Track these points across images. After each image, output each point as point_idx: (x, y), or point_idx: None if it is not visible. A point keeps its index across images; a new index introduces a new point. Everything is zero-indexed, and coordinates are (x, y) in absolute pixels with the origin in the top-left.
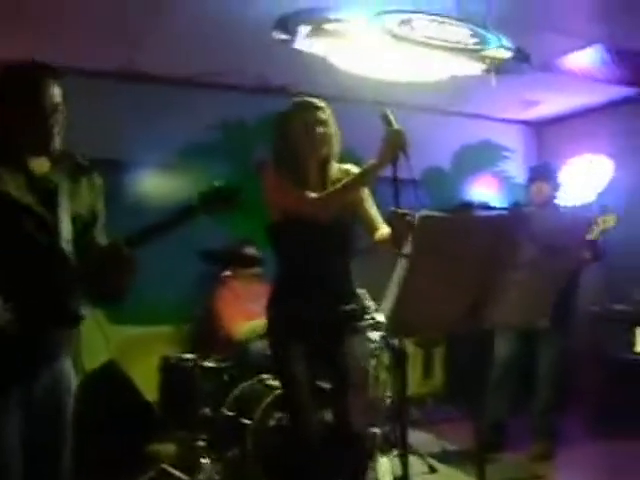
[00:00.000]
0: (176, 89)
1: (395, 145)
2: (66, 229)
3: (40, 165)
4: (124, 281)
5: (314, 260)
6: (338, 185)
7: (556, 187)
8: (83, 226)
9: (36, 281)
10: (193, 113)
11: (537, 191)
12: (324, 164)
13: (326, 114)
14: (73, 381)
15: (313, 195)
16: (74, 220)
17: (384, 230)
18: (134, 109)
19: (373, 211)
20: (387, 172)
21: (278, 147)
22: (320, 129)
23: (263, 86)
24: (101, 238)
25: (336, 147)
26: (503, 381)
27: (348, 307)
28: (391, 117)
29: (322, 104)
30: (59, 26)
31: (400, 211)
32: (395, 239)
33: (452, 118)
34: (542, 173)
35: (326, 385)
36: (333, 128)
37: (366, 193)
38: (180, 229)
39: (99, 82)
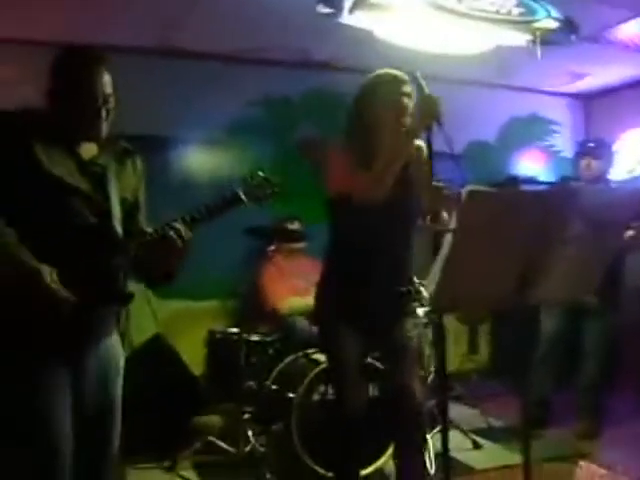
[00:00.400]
0: (220, 65)
1: (427, 110)
2: (117, 210)
3: (88, 149)
4: (173, 266)
5: (371, 240)
6: (381, 162)
7: (608, 164)
8: (129, 210)
9: (89, 261)
10: (237, 89)
11: (586, 167)
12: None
13: (409, 86)
14: (121, 359)
15: (363, 175)
16: (121, 203)
17: None
18: (179, 86)
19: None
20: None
21: (352, 122)
22: (404, 103)
23: (307, 61)
24: (144, 224)
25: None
26: (549, 357)
27: (403, 289)
28: (422, 82)
29: (405, 77)
30: (104, 3)
31: (435, 184)
32: (432, 213)
33: (498, 91)
34: (592, 149)
35: (378, 364)
36: (407, 105)
37: (424, 155)
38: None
39: (144, 59)
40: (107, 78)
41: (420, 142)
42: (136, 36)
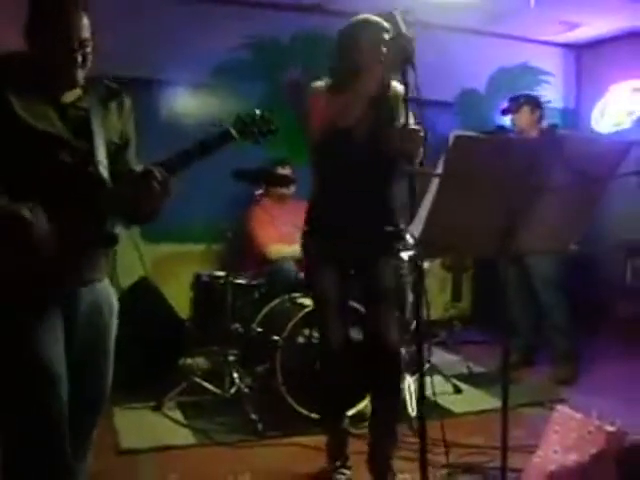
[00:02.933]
0: (209, 6)
1: (398, 48)
2: (102, 155)
3: (70, 93)
4: (156, 205)
5: (353, 179)
6: (352, 90)
7: (539, 117)
8: (116, 151)
9: (74, 206)
10: (225, 31)
11: (516, 120)
12: (384, 84)
13: (388, 33)
14: (114, 302)
15: (338, 99)
16: (107, 146)
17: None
18: (166, 28)
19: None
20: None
21: (339, 59)
22: (384, 50)
23: (297, 3)
24: (134, 162)
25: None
26: (531, 300)
27: (387, 228)
28: (400, 21)
29: (384, 23)
30: None
31: (409, 127)
32: (406, 155)
33: (488, 40)
34: (520, 104)
35: (358, 306)
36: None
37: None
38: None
39: (131, 0)
40: (85, 21)
41: (395, 83)
42: None
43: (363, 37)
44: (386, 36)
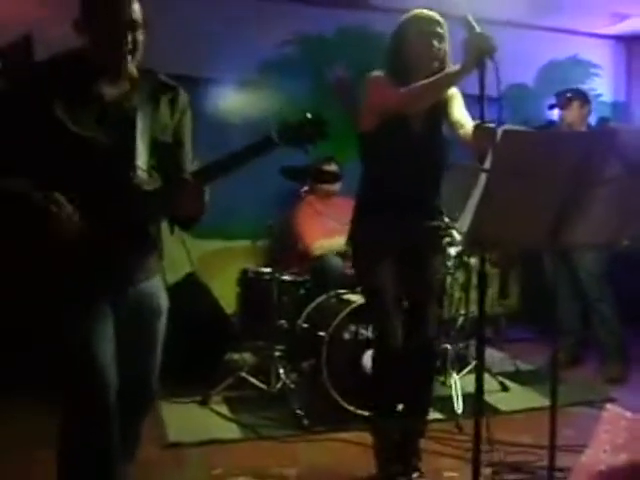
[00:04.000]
0: (256, 4)
1: (478, 48)
2: (142, 156)
3: (118, 87)
4: (191, 213)
5: (403, 172)
6: (422, 82)
7: (587, 112)
8: (166, 150)
9: (114, 210)
10: (271, 28)
11: (560, 117)
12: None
13: (443, 29)
14: (164, 300)
15: (401, 89)
16: (155, 146)
17: (468, 127)
18: (212, 25)
19: (459, 112)
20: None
21: (392, 58)
22: (436, 43)
23: None
24: (187, 162)
25: (447, 66)
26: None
27: (434, 223)
28: (472, 21)
29: (440, 19)
30: None
31: (485, 125)
32: (478, 153)
33: (537, 33)
34: (567, 99)
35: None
36: (446, 45)
37: (455, 93)
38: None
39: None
40: (135, 5)
41: (454, 90)
42: None
43: (411, 31)
44: (438, 29)
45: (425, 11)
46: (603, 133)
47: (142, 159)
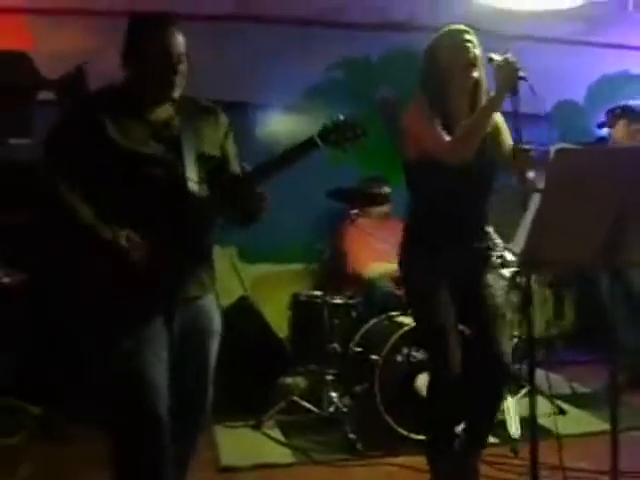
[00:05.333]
0: (298, 29)
1: (508, 74)
2: (192, 171)
3: (163, 111)
4: (248, 208)
5: (452, 199)
6: (463, 127)
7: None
8: (215, 164)
9: (168, 222)
10: (316, 52)
11: (614, 133)
12: (475, 89)
13: (473, 37)
14: (217, 320)
15: (447, 138)
16: (203, 161)
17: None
18: (258, 52)
19: (507, 141)
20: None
21: (426, 74)
22: (469, 49)
23: (386, 21)
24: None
25: (483, 72)
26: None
27: (482, 245)
28: (494, 55)
29: (469, 29)
30: None
31: (520, 146)
32: (519, 175)
33: (587, 48)
34: (616, 116)
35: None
36: (480, 52)
37: (500, 123)
38: (302, 161)
39: (222, 26)
40: (180, 38)
41: (497, 115)
42: (213, 3)
43: (443, 43)
44: (469, 37)
45: (455, 25)
46: None
47: (192, 171)
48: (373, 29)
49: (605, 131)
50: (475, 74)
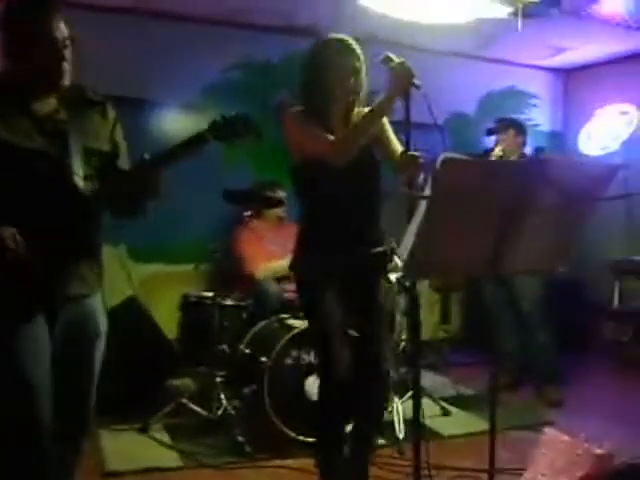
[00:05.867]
0: (201, 27)
1: (402, 77)
2: (78, 165)
3: (47, 103)
4: (147, 199)
5: (340, 201)
6: (351, 126)
7: (522, 141)
8: (103, 159)
9: (51, 218)
10: (217, 52)
11: (496, 143)
12: (350, 108)
13: (360, 61)
14: (102, 320)
15: (331, 138)
16: (91, 154)
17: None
18: (159, 48)
19: (394, 145)
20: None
21: (306, 87)
22: (352, 79)
23: (289, 26)
24: (126, 167)
25: (364, 92)
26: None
27: (376, 250)
28: (392, 56)
29: (356, 48)
30: None
31: (410, 152)
32: (407, 180)
33: (478, 63)
34: (500, 126)
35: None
36: (364, 74)
37: (386, 124)
38: (193, 155)
39: (124, 19)
40: (61, 22)
41: (384, 120)
42: None
43: (328, 63)
44: (356, 64)
45: (344, 40)
46: (539, 163)
47: (77, 166)
48: (276, 32)
49: (493, 139)
50: (353, 98)
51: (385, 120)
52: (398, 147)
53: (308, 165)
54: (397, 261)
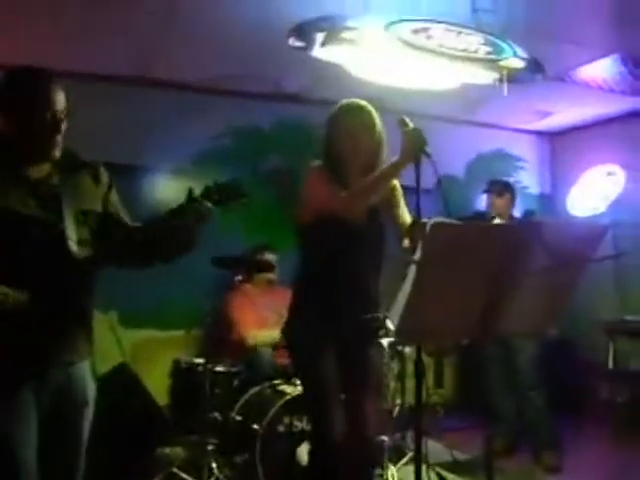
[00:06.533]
0: (191, 95)
1: (414, 143)
2: (72, 230)
3: (41, 169)
4: (194, 232)
5: (341, 265)
6: (361, 183)
7: (511, 202)
8: (100, 220)
9: (43, 282)
10: (207, 119)
11: (491, 203)
12: (367, 170)
13: (372, 118)
14: (90, 388)
15: (341, 193)
16: (84, 218)
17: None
18: (149, 115)
19: (404, 217)
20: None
21: (323, 150)
22: (364, 135)
23: (278, 93)
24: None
25: (382, 154)
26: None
27: (371, 315)
28: (407, 120)
29: (369, 108)
30: (75, 29)
31: (421, 221)
32: (413, 247)
33: (466, 127)
34: (497, 188)
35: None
36: (379, 134)
37: (399, 196)
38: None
39: (115, 87)
40: (59, 95)
41: (395, 182)
42: (106, 64)
43: (341, 124)
44: (368, 120)
45: (355, 102)
46: (528, 225)
47: (71, 231)
48: (265, 99)
49: (484, 201)
50: (367, 159)
51: (398, 187)
52: (407, 216)
53: (318, 220)
54: (389, 326)
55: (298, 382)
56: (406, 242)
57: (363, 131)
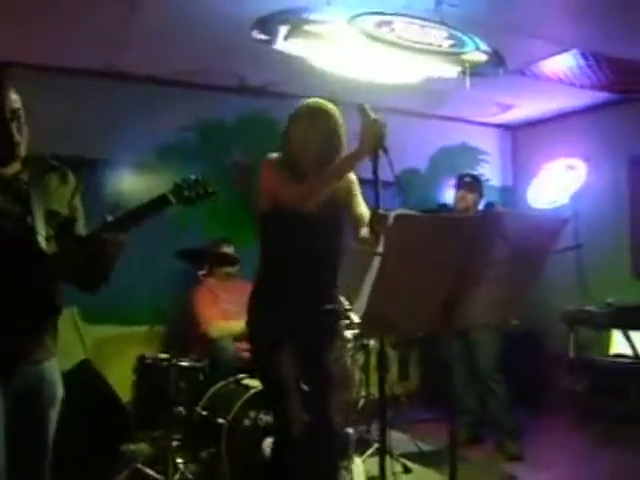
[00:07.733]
0: (155, 88)
1: (373, 135)
2: (41, 226)
3: (10, 168)
4: (109, 265)
5: (299, 255)
6: (318, 176)
7: (479, 197)
8: (63, 223)
9: (15, 277)
10: (171, 112)
11: (460, 198)
12: (324, 165)
13: (336, 124)
14: (57, 386)
15: (297, 185)
16: (50, 217)
17: (366, 230)
18: (112, 108)
19: (361, 209)
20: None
21: (282, 145)
22: (326, 142)
23: (242, 86)
24: (83, 233)
25: (341, 154)
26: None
27: (331, 306)
28: (368, 109)
29: (333, 111)
30: (41, 24)
31: (380, 212)
32: (375, 240)
33: (428, 121)
34: (467, 183)
35: (304, 385)
36: (340, 138)
37: (356, 189)
38: (154, 218)
39: (78, 81)
40: (13, 94)
41: (352, 176)
42: (71, 57)
43: (302, 125)
44: (330, 125)
45: (321, 105)
46: (491, 217)
47: (40, 226)
48: (229, 92)
49: (451, 195)
50: (326, 161)
51: (354, 178)
52: (363, 207)
53: (275, 209)
54: (354, 318)
55: None
56: (363, 232)
57: (324, 138)
